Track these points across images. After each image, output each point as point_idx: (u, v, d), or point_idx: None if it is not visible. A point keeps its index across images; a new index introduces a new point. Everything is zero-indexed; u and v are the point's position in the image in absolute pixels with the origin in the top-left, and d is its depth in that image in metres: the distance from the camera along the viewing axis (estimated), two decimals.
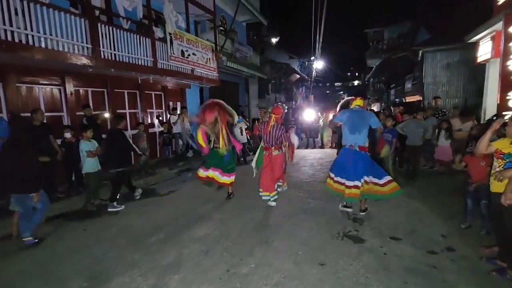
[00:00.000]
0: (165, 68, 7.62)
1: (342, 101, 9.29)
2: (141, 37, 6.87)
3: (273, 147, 4.76)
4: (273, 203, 4.69)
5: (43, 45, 4.78)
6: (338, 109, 9.21)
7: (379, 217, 4.14)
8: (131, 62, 6.59)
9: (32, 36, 4.61)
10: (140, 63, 6.85)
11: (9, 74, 5.09)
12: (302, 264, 2.93)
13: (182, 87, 9.86)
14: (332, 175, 4.24)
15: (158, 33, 7.42)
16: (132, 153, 5.45)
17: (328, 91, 46.79)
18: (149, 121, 8.63)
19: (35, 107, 5.18)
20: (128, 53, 6.48)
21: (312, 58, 21.49)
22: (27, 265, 3.11)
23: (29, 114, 4.99)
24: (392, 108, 10.25)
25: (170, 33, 7.59)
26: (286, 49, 24.64)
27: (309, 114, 13.19)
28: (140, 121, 8.03)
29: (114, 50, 6.13)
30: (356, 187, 3.90)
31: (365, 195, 4.04)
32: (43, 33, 4.75)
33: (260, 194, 4.73)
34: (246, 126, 8.80)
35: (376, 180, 4.03)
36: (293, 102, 23.31)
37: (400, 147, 6.35)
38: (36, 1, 4.69)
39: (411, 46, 13.61)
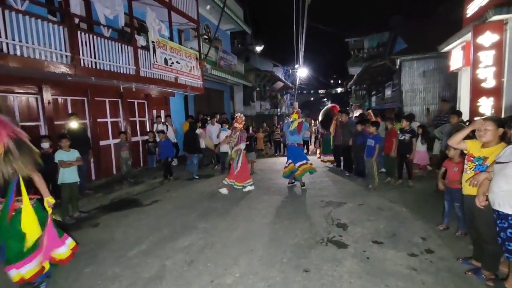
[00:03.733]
0: (148, 76, 7.55)
1: (323, 109, 9.55)
2: (123, 45, 6.80)
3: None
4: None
5: (18, 53, 4.64)
6: (320, 116, 9.45)
7: (362, 222, 4.22)
8: (112, 70, 6.48)
9: (7, 43, 4.47)
10: (122, 71, 6.75)
11: None
12: (287, 272, 2.93)
13: (166, 95, 9.77)
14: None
15: (141, 41, 7.36)
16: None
17: (312, 98, 47.71)
18: (135, 129, 8.46)
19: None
20: (110, 61, 6.38)
21: (296, 66, 21.90)
22: (0, 281, 2.94)
23: None
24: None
25: (153, 41, 7.55)
26: (271, 57, 25.05)
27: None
28: (122, 130, 7.88)
29: (95, 58, 6.02)
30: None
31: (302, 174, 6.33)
32: (18, 41, 4.61)
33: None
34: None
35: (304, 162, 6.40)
36: (278, 109, 23.57)
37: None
38: (11, 8, 4.56)
39: (389, 55, 14.18)
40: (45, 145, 5.10)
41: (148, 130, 8.82)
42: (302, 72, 19.53)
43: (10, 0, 4.66)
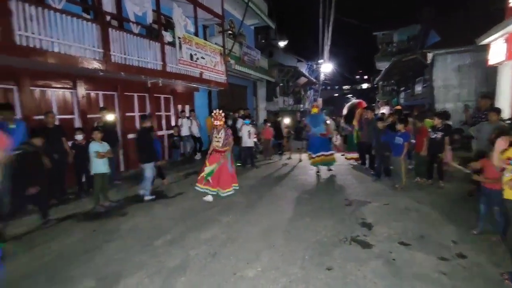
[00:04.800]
0: (174, 71, 7.73)
1: (348, 104, 9.30)
2: (151, 41, 6.99)
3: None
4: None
5: (56, 49, 4.91)
6: (345, 110, 9.20)
7: (388, 222, 4.07)
8: (140, 66, 6.70)
9: (46, 41, 4.75)
10: (149, 67, 6.96)
11: (23, 78, 5.24)
12: (309, 269, 2.90)
13: (191, 90, 9.96)
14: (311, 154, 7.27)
15: (167, 37, 7.54)
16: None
17: (336, 94, 46.55)
18: (161, 123, 8.74)
19: (48, 110, 5.32)
20: (138, 57, 6.60)
21: (320, 61, 21.45)
22: (36, 265, 3.17)
23: (42, 117, 5.14)
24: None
25: (179, 37, 7.69)
26: (295, 52, 24.66)
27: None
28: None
29: (124, 54, 6.24)
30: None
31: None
32: (56, 38, 4.88)
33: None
34: (254, 130, 8.78)
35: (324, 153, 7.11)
36: (301, 105, 23.24)
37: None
38: (50, 7, 4.83)
39: (421, 48, 13.44)
40: (79, 137, 5.40)
41: (173, 124, 9.05)
42: (326, 67, 19.01)
43: (49, 0, 4.93)
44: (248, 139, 8.48)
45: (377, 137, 6.47)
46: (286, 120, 12.08)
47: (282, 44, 22.55)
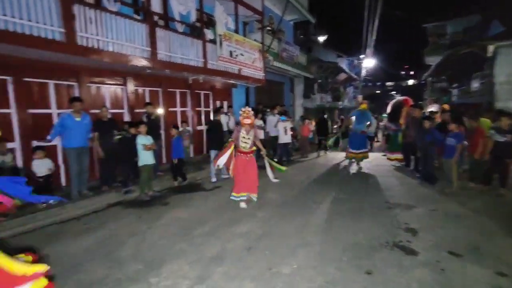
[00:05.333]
0: (214, 68, 7.94)
1: (393, 101, 8.74)
2: (193, 39, 7.26)
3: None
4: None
5: (110, 49, 5.34)
6: (389, 108, 8.67)
7: (435, 228, 3.78)
8: (183, 63, 7.00)
9: (102, 41, 5.18)
10: (192, 64, 7.25)
11: (82, 75, 5.79)
12: (347, 271, 2.81)
13: (229, 86, 10.17)
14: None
15: (209, 35, 7.76)
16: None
17: (378, 91, 44.11)
18: (200, 119, 9.07)
19: (102, 105, 5.82)
20: (181, 54, 6.90)
21: (362, 56, 20.44)
22: (91, 244, 3.51)
23: (98, 111, 5.64)
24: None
25: (220, 35, 7.88)
26: (335, 47, 23.84)
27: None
28: (189, 119, 8.50)
29: (169, 52, 6.57)
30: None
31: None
32: (110, 38, 5.30)
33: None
34: (291, 126, 8.71)
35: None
36: (340, 102, 22.45)
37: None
38: (106, 10, 5.25)
39: (480, 40, 12.11)
40: (130, 130, 5.82)
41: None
42: (369, 62, 18.05)
43: (105, 3, 5.36)
44: (285, 135, 8.44)
45: (422, 137, 6.02)
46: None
47: (321, 39, 21.93)
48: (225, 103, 10.09)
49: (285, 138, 8.47)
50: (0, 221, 3.98)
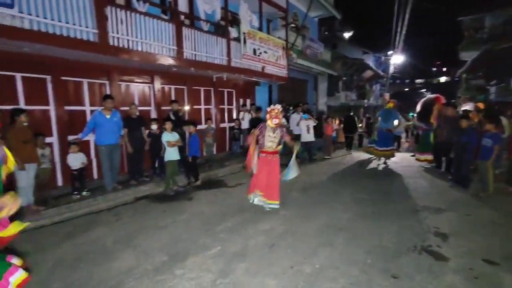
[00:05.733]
0: (238, 66, 8.00)
1: (423, 99, 8.31)
2: (218, 38, 7.35)
3: None
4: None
5: (139, 48, 5.54)
6: (418, 106, 8.28)
7: (468, 234, 3.57)
8: (208, 61, 7.11)
9: (132, 41, 5.39)
10: (216, 62, 7.35)
11: (113, 74, 6.06)
12: (371, 273, 2.73)
13: (252, 84, 10.19)
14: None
15: (233, 33, 7.82)
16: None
17: (406, 89, 42.18)
18: (223, 116, 9.19)
19: (131, 102, 6.07)
20: (206, 53, 7.01)
21: (390, 52, 19.62)
22: (120, 235, 3.68)
23: (127, 108, 5.89)
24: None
25: (244, 33, 7.91)
26: (360, 43, 23.09)
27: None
28: (213, 117, 8.63)
29: (195, 51, 6.71)
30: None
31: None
32: (140, 38, 5.51)
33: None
34: (314, 124, 8.58)
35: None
36: (365, 101, 21.76)
37: None
38: (136, 10, 5.46)
39: None
40: (154, 127, 6.03)
41: (234, 117, 9.42)
42: (397, 58, 17.27)
43: (135, 4, 5.57)
44: (307, 133, 8.33)
45: (458, 137, 5.67)
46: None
47: (347, 35, 21.33)
48: (248, 101, 10.13)
49: (308, 136, 8.36)
50: (39, 210, 4.29)
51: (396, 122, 8.46)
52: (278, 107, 4.34)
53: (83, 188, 5.11)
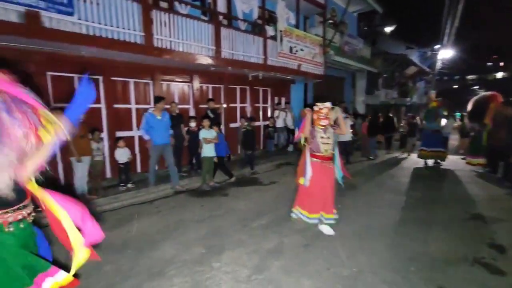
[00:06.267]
0: (273, 64, 8.00)
1: (476, 97, 7.56)
2: (255, 37, 7.42)
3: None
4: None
5: (180, 49, 5.80)
6: (470, 105, 7.56)
7: None
8: (245, 60, 7.21)
9: (174, 42, 5.66)
10: (252, 61, 7.42)
11: (156, 74, 6.42)
12: (415, 282, 2.57)
13: (287, 82, 10.13)
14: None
15: (270, 31, 7.83)
16: None
17: (455, 86, 38.81)
18: (258, 115, 9.28)
19: (172, 101, 6.38)
20: (243, 52, 7.12)
21: (437, 46, 18.18)
22: (161, 226, 3.90)
23: (168, 106, 6.20)
24: None
25: (280, 31, 7.88)
26: (404, 38, 21.72)
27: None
28: (248, 115, 8.73)
29: (232, 50, 6.84)
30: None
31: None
32: (181, 39, 5.76)
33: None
34: (352, 123, 8.28)
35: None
36: (408, 99, 20.43)
37: None
38: (178, 13, 5.71)
39: None
40: (193, 124, 6.28)
41: (269, 116, 9.44)
42: (446, 53, 15.92)
43: (177, 6, 5.83)
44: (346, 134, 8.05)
45: None
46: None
47: (388, 29, 20.18)
48: (283, 99, 10.08)
49: (345, 136, 8.07)
50: (93, 198, 4.71)
51: (444, 122, 7.91)
52: (328, 105, 3.62)
53: (129, 180, 5.49)
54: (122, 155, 5.43)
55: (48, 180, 1.65)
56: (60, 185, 5.04)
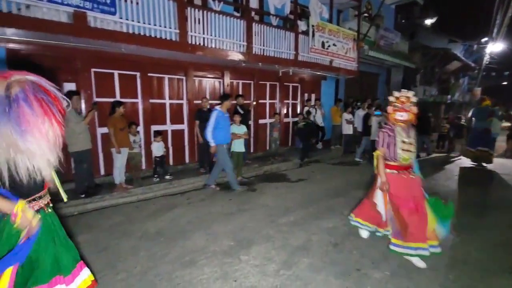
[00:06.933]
0: (304, 60, 7.86)
1: None
2: (286, 32, 7.33)
3: None
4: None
5: (212, 45, 5.91)
6: None
7: None
8: (276, 56, 7.17)
9: (207, 38, 5.77)
10: (283, 57, 7.35)
11: (189, 70, 6.60)
12: None
13: (318, 78, 9.90)
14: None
15: (302, 26, 7.69)
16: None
17: (505, 82, 35.43)
18: (285, 111, 9.20)
19: (203, 96, 6.54)
20: (274, 47, 7.07)
21: (485, 39, 16.66)
22: (192, 217, 4.04)
23: (199, 101, 6.37)
24: None
25: (313, 25, 7.71)
26: (446, 30, 20.20)
27: None
28: (277, 111, 8.69)
29: (263, 46, 6.83)
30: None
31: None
32: (213, 36, 5.86)
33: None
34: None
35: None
36: (449, 96, 19.02)
37: None
38: (211, 10, 5.81)
39: None
40: None
41: (298, 112, 9.31)
42: (495, 47, 14.51)
43: (211, 3, 5.93)
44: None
45: None
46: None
47: (429, 22, 18.87)
48: (313, 96, 9.89)
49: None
50: (128, 188, 5.00)
51: (496, 121, 7.34)
52: (409, 94, 2.83)
53: (166, 172, 5.71)
54: (159, 148, 5.68)
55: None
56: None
